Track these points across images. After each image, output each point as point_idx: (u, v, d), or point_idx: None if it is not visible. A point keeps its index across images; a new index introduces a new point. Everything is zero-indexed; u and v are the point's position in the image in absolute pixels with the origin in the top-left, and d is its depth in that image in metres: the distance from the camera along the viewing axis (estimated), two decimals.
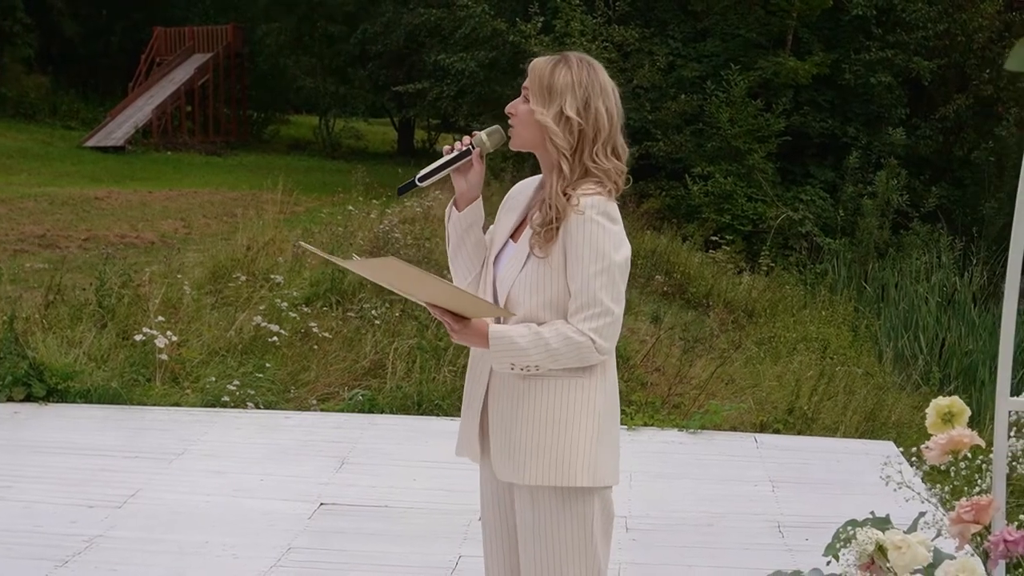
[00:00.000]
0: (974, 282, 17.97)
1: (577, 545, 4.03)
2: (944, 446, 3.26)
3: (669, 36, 24.53)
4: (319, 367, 10.36)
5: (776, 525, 7.51)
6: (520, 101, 4.05)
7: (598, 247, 3.87)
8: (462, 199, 4.17)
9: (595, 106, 3.98)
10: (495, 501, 4.26)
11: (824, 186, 23.25)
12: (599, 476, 4.01)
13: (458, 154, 4.10)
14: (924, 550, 3.06)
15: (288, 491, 7.80)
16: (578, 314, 3.88)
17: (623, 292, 3.95)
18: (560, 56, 4.05)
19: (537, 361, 3.89)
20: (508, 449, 4.01)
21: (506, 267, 4.04)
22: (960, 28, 24.37)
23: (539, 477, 3.96)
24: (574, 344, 3.87)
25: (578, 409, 3.97)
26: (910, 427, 10.99)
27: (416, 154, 35.74)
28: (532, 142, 4.03)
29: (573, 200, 3.88)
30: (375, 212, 17.53)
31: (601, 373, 4.02)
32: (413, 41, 31.64)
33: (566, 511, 4.00)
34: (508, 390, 4.02)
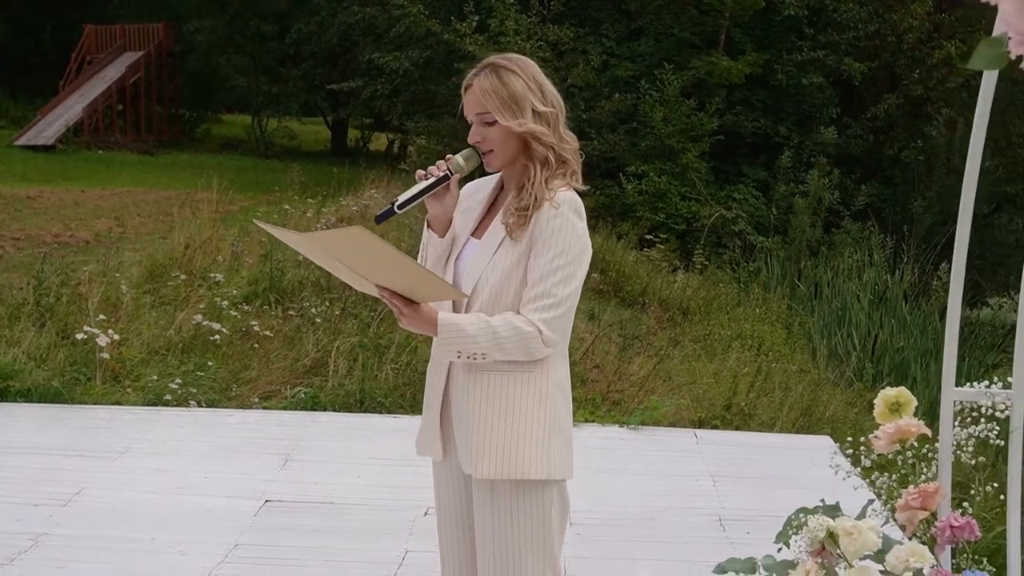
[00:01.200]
0: (905, 280, 18.14)
1: (535, 538, 4.08)
2: (892, 435, 3.35)
3: (603, 35, 24.61)
4: (260, 365, 10.38)
5: (717, 519, 7.61)
6: (480, 127, 4.06)
7: (563, 242, 3.93)
8: (436, 221, 4.19)
9: (549, 90, 4.08)
10: (452, 496, 4.30)
11: (757, 185, 23.41)
12: (553, 469, 4.06)
13: (436, 180, 4.11)
14: (874, 536, 3.15)
15: (233, 488, 7.83)
16: (530, 304, 3.93)
17: (578, 290, 4.00)
18: (489, 66, 4.07)
19: (484, 349, 3.93)
20: (466, 443, 4.06)
21: (472, 260, 4.07)
22: (890, 28, 24.61)
23: (493, 470, 4.00)
24: (522, 334, 3.91)
25: (530, 402, 4.02)
26: (844, 422, 11.14)
27: (349, 153, 35.69)
28: (513, 156, 4.06)
29: (551, 192, 3.95)
30: (311, 211, 17.55)
31: (553, 366, 4.07)
32: (347, 40, 31.62)
33: (524, 504, 4.05)
34: (465, 383, 4.06)
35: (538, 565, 4.10)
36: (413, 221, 14.39)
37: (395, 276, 3.83)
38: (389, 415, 9.66)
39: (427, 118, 25.99)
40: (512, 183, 4.12)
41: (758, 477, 8.55)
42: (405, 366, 10.29)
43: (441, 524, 4.38)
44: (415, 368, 10.25)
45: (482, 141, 4.07)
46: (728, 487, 8.23)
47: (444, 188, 4.13)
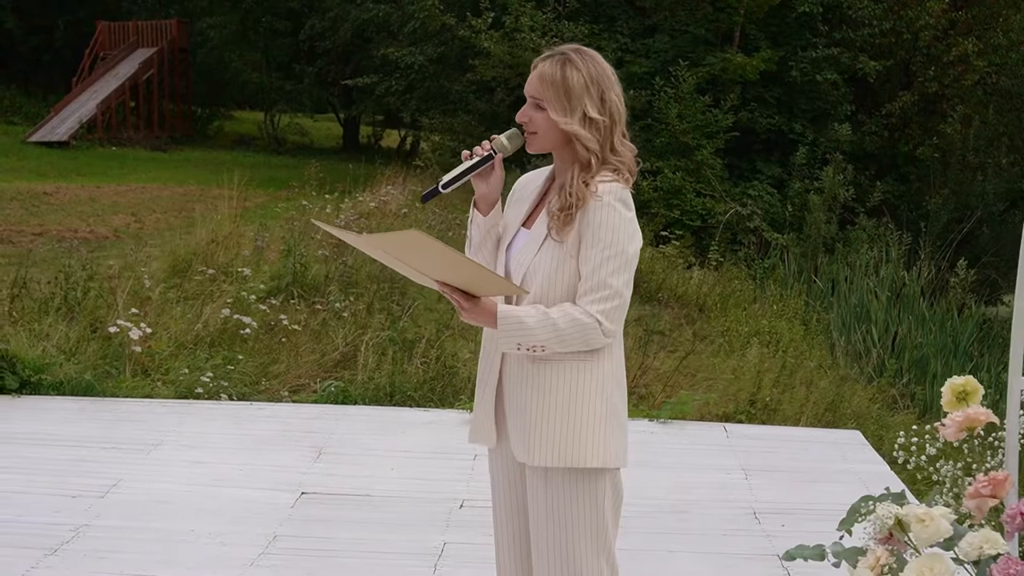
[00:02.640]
0: (922, 277, 18.16)
1: (589, 526, 4.11)
2: (961, 423, 3.37)
3: (618, 32, 24.62)
4: (289, 359, 10.42)
5: (752, 512, 7.64)
6: (531, 109, 4.08)
7: (612, 232, 3.96)
8: (483, 201, 4.22)
9: (609, 99, 4.07)
10: (507, 485, 4.33)
11: (771, 182, 23.42)
12: (609, 457, 4.10)
13: (480, 160, 4.14)
14: (947, 523, 3.17)
15: (268, 481, 7.87)
16: (586, 296, 3.96)
17: (632, 279, 4.04)
18: (561, 55, 4.09)
19: (544, 341, 3.97)
20: (521, 431, 4.09)
21: (520, 252, 4.11)
22: (906, 26, 24.58)
23: (550, 459, 4.04)
24: (581, 325, 3.95)
25: (588, 391, 4.06)
26: (867, 417, 11.18)
27: (361, 150, 35.71)
28: (553, 145, 4.09)
29: (592, 187, 3.97)
30: (329, 207, 17.58)
31: (609, 356, 4.11)
32: (360, 36, 31.64)
33: (578, 492, 4.08)
34: (520, 373, 4.09)
35: (591, 553, 4.14)
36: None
37: (454, 273, 3.88)
38: (419, 408, 9.70)
39: (441, 114, 26.04)
40: (563, 175, 4.15)
41: (789, 471, 8.58)
42: (434, 360, 10.33)
43: (496, 511, 4.41)
44: (444, 363, 10.30)
45: (528, 122, 4.09)
46: (760, 480, 8.27)
47: (488, 168, 4.16)
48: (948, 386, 3.44)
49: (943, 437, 3.40)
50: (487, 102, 25.25)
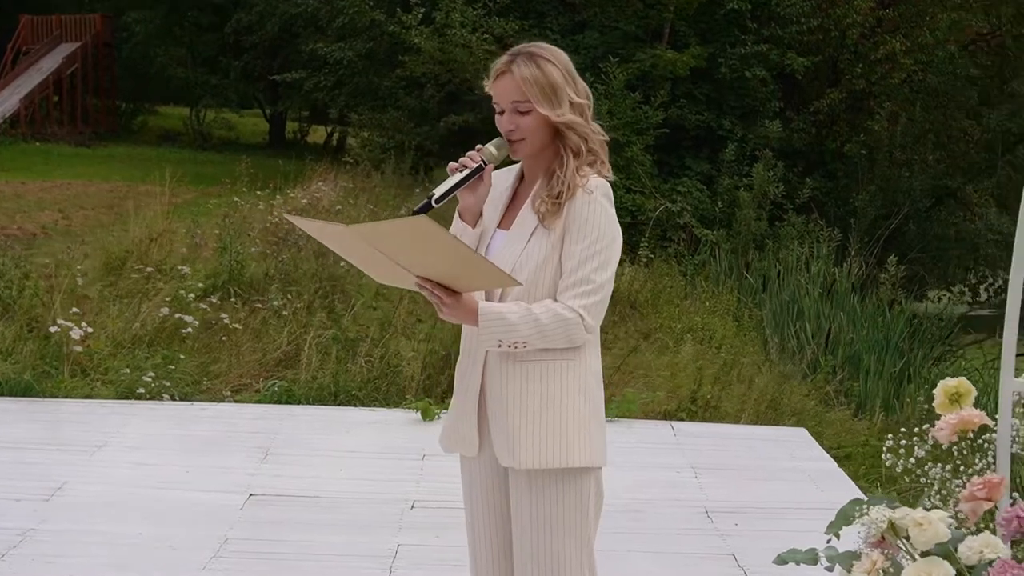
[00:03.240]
0: (852, 273, 18.25)
1: (574, 526, 4.09)
2: (955, 425, 3.36)
3: (547, 28, 24.54)
4: (230, 358, 10.31)
5: (704, 511, 7.64)
6: (515, 116, 4.03)
7: (599, 228, 3.94)
8: (468, 213, 4.15)
9: (579, 82, 4.09)
10: (486, 491, 4.27)
11: (701, 178, 23.44)
12: (595, 456, 4.09)
13: (471, 171, 4.08)
14: (945, 527, 3.16)
15: (215, 482, 7.78)
16: (569, 291, 3.93)
17: (613, 276, 4.02)
18: (525, 55, 4.05)
19: (526, 337, 3.92)
20: (505, 435, 4.04)
21: (502, 251, 4.05)
22: (833, 23, 24.69)
23: (538, 460, 3.99)
24: (564, 321, 3.91)
25: (572, 390, 4.03)
26: (805, 414, 11.24)
27: (288, 145, 35.49)
28: (543, 145, 4.06)
29: (583, 179, 3.95)
30: (262, 203, 17.43)
31: (591, 354, 4.09)
32: (287, 31, 31.40)
33: (564, 493, 4.05)
34: (503, 376, 4.04)
35: (575, 555, 4.11)
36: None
37: (443, 266, 3.80)
38: (365, 408, 9.64)
39: (371, 110, 25.88)
40: (536, 173, 4.11)
41: (738, 469, 8.60)
42: (379, 359, 10.27)
43: (473, 520, 4.35)
44: (387, 362, 10.24)
45: (515, 129, 4.04)
46: (710, 479, 8.28)
47: (478, 179, 4.10)
48: (940, 388, 3.43)
49: (936, 440, 3.38)
50: (417, 98, 25.12)
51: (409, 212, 4.17)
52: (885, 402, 13.10)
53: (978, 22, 25.82)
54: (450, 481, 7.85)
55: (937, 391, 3.45)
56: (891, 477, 10.00)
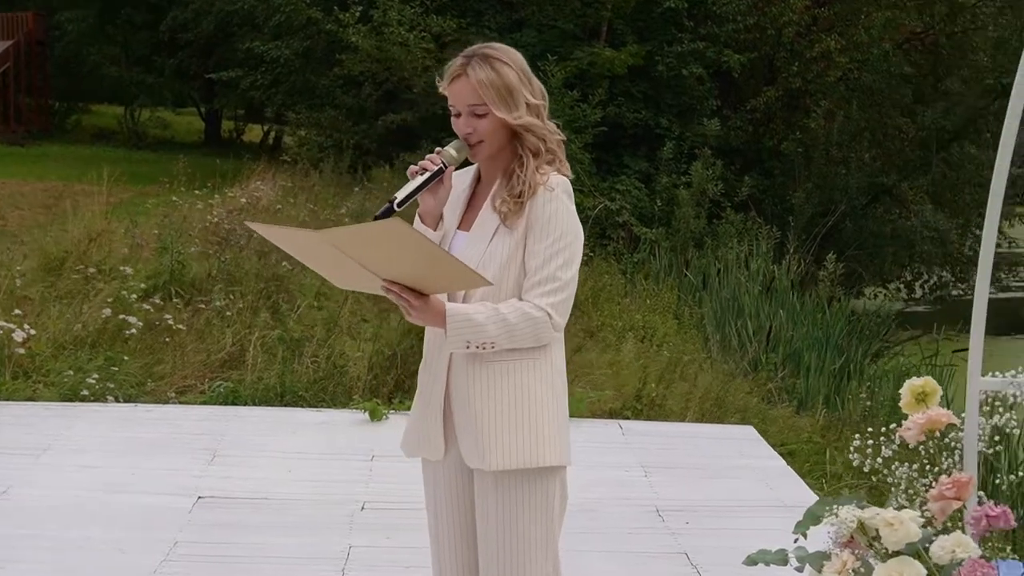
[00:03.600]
0: (791, 270, 18.34)
1: (540, 528, 4.08)
2: (924, 425, 3.36)
3: (485, 27, 24.52)
4: (174, 359, 10.22)
5: (655, 509, 7.65)
6: (471, 118, 4.01)
7: (561, 225, 3.95)
8: (429, 215, 4.11)
9: (535, 82, 4.09)
10: (451, 494, 4.24)
11: (639, 176, 23.48)
12: (564, 455, 4.09)
13: (432, 174, 4.05)
14: (915, 527, 3.16)
15: (163, 485, 7.71)
16: (535, 289, 3.92)
17: (577, 272, 4.01)
18: (479, 57, 4.03)
19: (494, 338, 3.90)
20: (473, 436, 4.02)
21: (464, 251, 4.02)
22: (769, 22, 24.81)
23: (508, 461, 3.98)
24: (531, 319, 3.90)
25: (539, 389, 4.02)
26: (749, 411, 11.28)
27: (223, 144, 35.30)
28: (501, 148, 4.05)
29: (543, 177, 3.94)
30: (201, 203, 17.32)
31: (555, 352, 4.09)
32: (223, 30, 31.21)
33: (531, 494, 4.04)
34: (469, 377, 4.02)
35: (541, 555, 4.10)
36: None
37: (412, 268, 3.78)
38: (312, 408, 9.59)
39: (308, 109, 25.77)
40: (494, 173, 4.10)
41: (688, 467, 8.62)
42: (324, 360, 10.21)
43: (437, 524, 4.32)
44: (333, 362, 10.18)
45: (472, 133, 4.03)
46: (660, 478, 8.29)
47: (438, 181, 4.07)
48: (907, 388, 3.43)
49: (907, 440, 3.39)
50: (355, 97, 25.04)
51: (371, 216, 4.15)
52: (827, 399, 13.17)
53: (912, 21, 26.03)
54: (400, 482, 7.88)
55: (904, 391, 3.46)
56: (836, 474, 10.09)
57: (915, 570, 3.16)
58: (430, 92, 23.46)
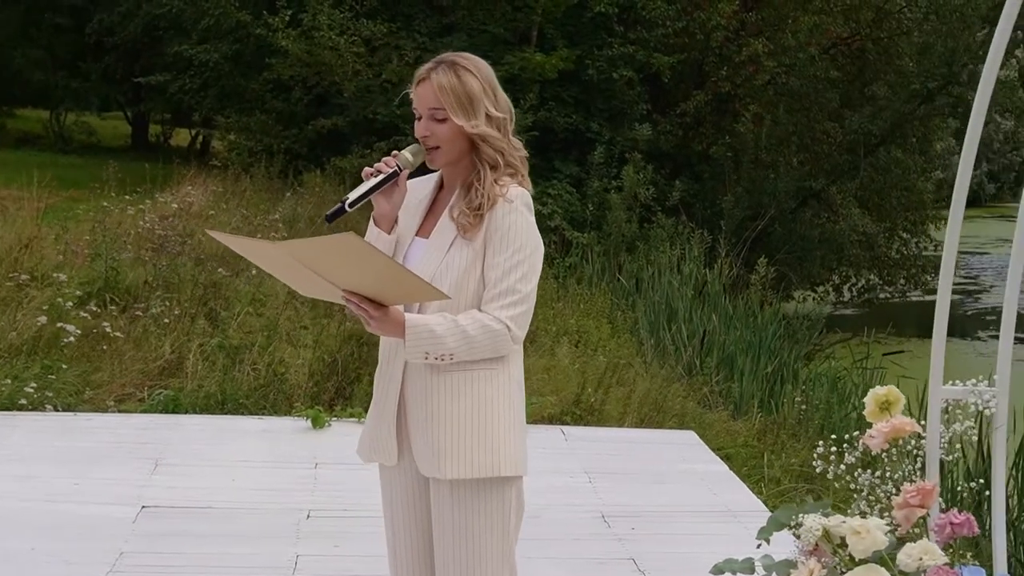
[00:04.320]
0: (723, 274, 18.45)
1: (495, 537, 4.09)
2: (888, 433, 3.40)
3: (415, 31, 24.52)
4: (113, 367, 10.14)
5: (600, 515, 7.68)
6: (430, 122, 4.04)
7: (520, 237, 3.96)
8: (383, 219, 4.14)
9: (500, 95, 4.11)
10: (407, 502, 4.25)
11: (570, 180, 23.53)
12: (520, 465, 4.11)
13: (386, 176, 4.07)
14: (882, 535, 3.20)
15: (106, 495, 7.65)
16: (495, 302, 3.94)
17: (536, 285, 4.03)
18: (449, 63, 4.07)
19: (453, 350, 3.92)
20: (430, 445, 4.03)
21: (421, 261, 4.05)
22: (698, 26, 24.97)
23: (463, 470, 4.00)
24: (491, 332, 3.92)
25: (496, 399, 4.04)
26: (687, 416, 11.33)
27: (151, 149, 35.04)
28: (459, 155, 4.07)
29: (502, 189, 3.95)
30: (132, 208, 17.19)
31: (513, 362, 4.11)
32: (150, 34, 30.97)
33: (486, 503, 4.06)
34: (424, 385, 4.04)
35: (497, 564, 4.11)
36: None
37: (370, 280, 3.79)
38: (253, 416, 9.54)
39: (237, 113, 25.66)
40: (455, 182, 4.12)
41: (631, 473, 8.66)
42: (265, 367, 10.17)
43: (393, 530, 4.33)
44: (273, 370, 10.15)
45: (429, 136, 4.06)
46: (604, 483, 8.32)
47: (392, 184, 4.10)
48: (871, 396, 3.47)
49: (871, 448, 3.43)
50: (284, 101, 24.96)
51: (323, 215, 4.17)
52: (762, 402, 13.25)
53: (838, 26, 26.30)
54: (345, 490, 7.88)
55: (868, 399, 3.50)
56: (774, 478, 10.16)
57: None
58: (360, 97, 23.48)
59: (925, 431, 3.69)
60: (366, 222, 4.21)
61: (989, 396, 3.57)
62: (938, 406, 3.75)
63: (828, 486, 10.12)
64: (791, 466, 10.47)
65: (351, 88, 23.27)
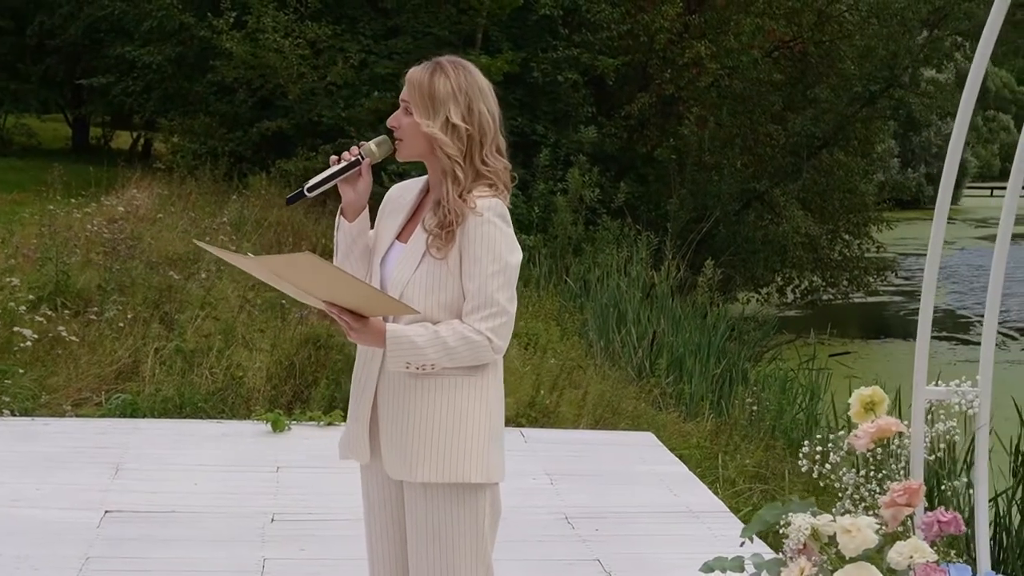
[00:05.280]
0: (670, 276, 18.53)
1: (468, 541, 4.13)
2: (874, 434, 3.46)
3: (360, 33, 24.52)
4: (69, 371, 10.08)
5: (564, 517, 7.72)
6: (402, 114, 4.10)
7: (495, 248, 3.98)
8: (350, 208, 4.19)
9: (478, 109, 4.10)
10: (383, 502, 4.29)
11: (516, 183, 23.54)
12: (491, 472, 4.14)
13: (347, 164, 4.12)
14: (873, 533, 3.26)
15: (69, 500, 7.61)
16: (474, 314, 3.97)
17: (515, 294, 4.06)
18: (434, 63, 4.11)
19: (434, 360, 3.97)
20: (401, 447, 4.07)
21: (397, 268, 4.10)
22: (643, 29, 25.12)
23: (434, 475, 4.04)
24: (471, 343, 3.96)
25: (472, 407, 4.08)
26: (641, 418, 11.40)
27: (92, 151, 34.75)
28: (420, 152, 4.11)
29: (470, 203, 3.97)
30: (77, 211, 17.07)
31: (493, 371, 4.14)
32: (91, 36, 30.70)
33: (459, 507, 4.09)
34: (400, 389, 4.07)
35: (471, 567, 4.15)
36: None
37: (344, 294, 3.86)
38: (212, 420, 9.52)
39: (181, 115, 25.54)
40: (436, 187, 4.15)
41: (592, 474, 8.70)
42: (223, 371, 10.15)
43: (370, 529, 4.37)
44: (231, 373, 10.13)
45: (397, 127, 4.11)
46: (566, 485, 8.36)
47: (356, 173, 4.15)
48: (856, 397, 3.53)
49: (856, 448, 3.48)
50: (229, 103, 24.87)
51: (284, 200, 4.25)
52: (713, 404, 13.33)
53: (781, 29, 26.48)
54: (308, 493, 7.89)
55: (852, 400, 3.55)
56: (729, 479, 10.24)
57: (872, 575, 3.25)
58: (305, 99, 23.44)
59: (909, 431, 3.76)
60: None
61: (972, 396, 3.65)
62: (922, 405, 3.82)
63: (784, 487, 10.27)
64: (745, 467, 10.56)
65: (296, 91, 23.23)
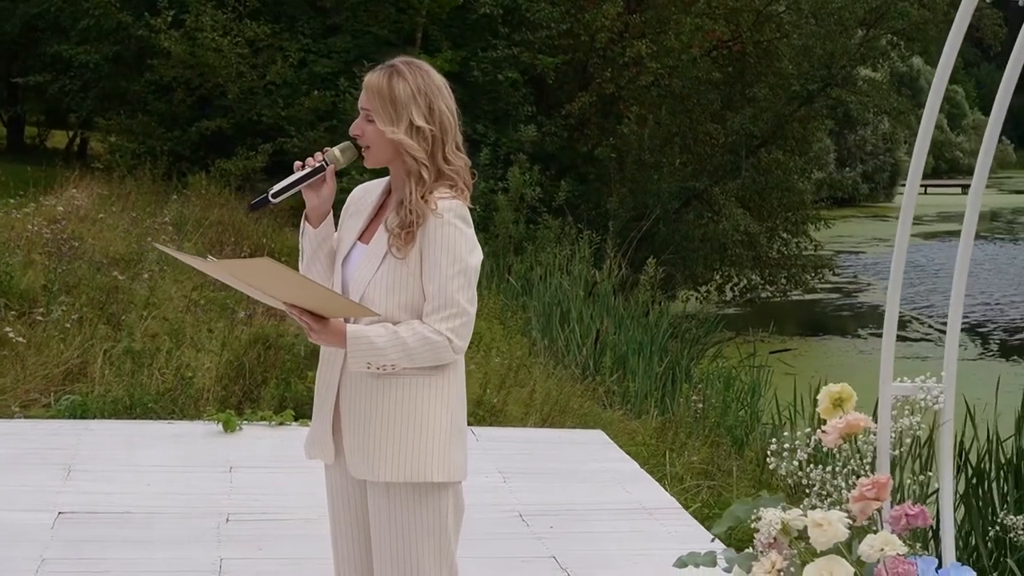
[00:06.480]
0: (612, 275, 18.60)
1: (432, 539, 4.16)
2: (842, 430, 3.52)
3: (299, 32, 24.46)
4: (16, 372, 10.02)
5: (518, 514, 7.76)
6: (363, 121, 4.12)
7: (455, 250, 4.02)
8: (314, 214, 4.22)
9: (438, 108, 4.13)
10: (347, 501, 4.32)
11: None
12: (453, 471, 4.18)
13: (312, 170, 4.15)
14: (843, 527, 3.31)
15: (21, 502, 7.58)
16: (435, 314, 4.01)
17: (475, 295, 4.10)
18: (389, 67, 4.12)
19: (394, 360, 4.00)
20: (363, 447, 4.11)
21: (358, 268, 4.13)
22: (583, 28, 25.20)
23: (395, 474, 4.07)
24: (431, 344, 4.00)
25: (432, 406, 4.11)
26: (588, 416, 11.45)
27: (27, 151, 34.48)
28: (387, 158, 4.13)
29: (431, 204, 4.00)
30: (15, 211, 16.94)
31: (454, 371, 4.18)
32: (26, 34, 30.42)
33: (422, 506, 4.13)
34: (362, 389, 4.11)
35: (434, 565, 4.19)
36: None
37: (303, 296, 3.91)
38: (163, 420, 9.49)
39: (119, 115, 25.36)
40: (398, 189, 4.18)
41: (544, 472, 8.75)
42: (173, 372, 10.12)
43: (334, 528, 4.40)
44: (181, 374, 10.10)
45: (361, 135, 4.13)
46: (519, 483, 8.40)
47: (320, 180, 4.18)
48: (825, 393, 3.58)
49: (825, 444, 3.54)
50: (167, 102, 24.72)
51: (247, 203, 4.28)
52: (657, 401, 13.40)
53: (720, 29, 26.60)
54: (262, 493, 7.90)
55: (821, 396, 3.61)
56: (676, 475, 10.31)
57: (844, 569, 3.30)
58: (245, 99, 23.37)
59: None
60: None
61: (937, 392, 3.71)
62: (888, 402, 3.89)
63: (731, 483, 10.36)
64: (692, 464, 10.63)
65: (235, 90, 23.18)
